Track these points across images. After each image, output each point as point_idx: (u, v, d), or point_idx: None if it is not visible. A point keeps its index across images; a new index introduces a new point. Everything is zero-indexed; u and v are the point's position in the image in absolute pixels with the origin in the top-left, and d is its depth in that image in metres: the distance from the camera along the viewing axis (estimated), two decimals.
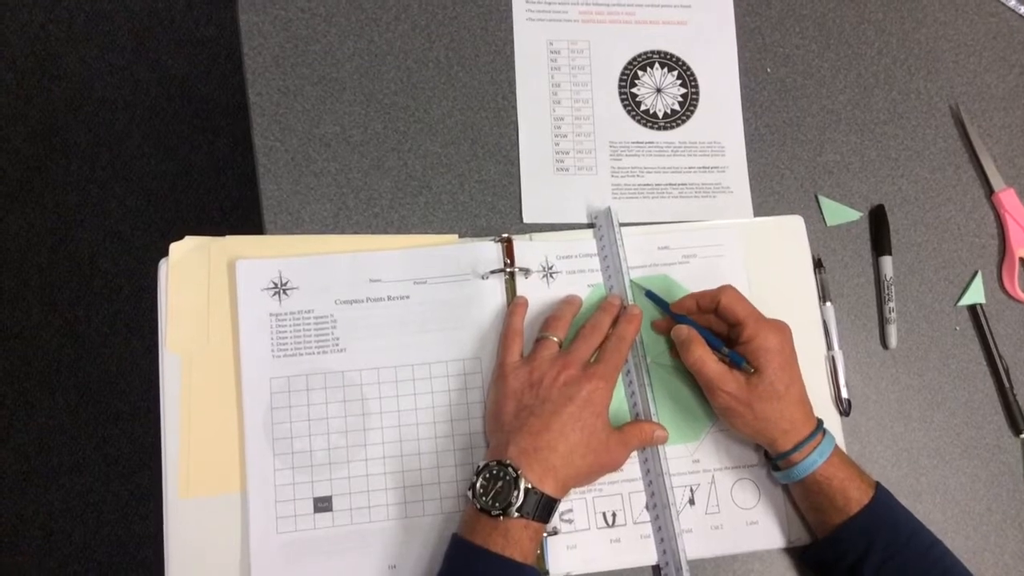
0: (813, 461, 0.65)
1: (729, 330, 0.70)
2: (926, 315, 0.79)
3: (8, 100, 1.66)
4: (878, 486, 0.66)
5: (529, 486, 0.59)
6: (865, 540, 0.63)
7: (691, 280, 0.75)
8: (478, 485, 0.60)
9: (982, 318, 0.78)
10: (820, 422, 0.67)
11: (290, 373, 0.69)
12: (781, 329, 0.68)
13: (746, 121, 0.82)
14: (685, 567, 0.66)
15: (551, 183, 0.78)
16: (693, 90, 0.83)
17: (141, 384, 1.55)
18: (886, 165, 0.83)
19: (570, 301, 0.72)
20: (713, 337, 0.69)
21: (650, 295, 0.73)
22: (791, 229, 0.79)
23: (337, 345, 0.70)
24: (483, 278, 0.72)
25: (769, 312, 0.74)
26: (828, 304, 0.76)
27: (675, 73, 0.83)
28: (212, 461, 0.67)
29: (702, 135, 0.82)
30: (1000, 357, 0.77)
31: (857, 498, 0.64)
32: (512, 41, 0.82)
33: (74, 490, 1.50)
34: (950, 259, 0.81)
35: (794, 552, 0.71)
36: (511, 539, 0.59)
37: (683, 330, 0.69)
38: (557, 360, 0.66)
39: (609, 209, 0.75)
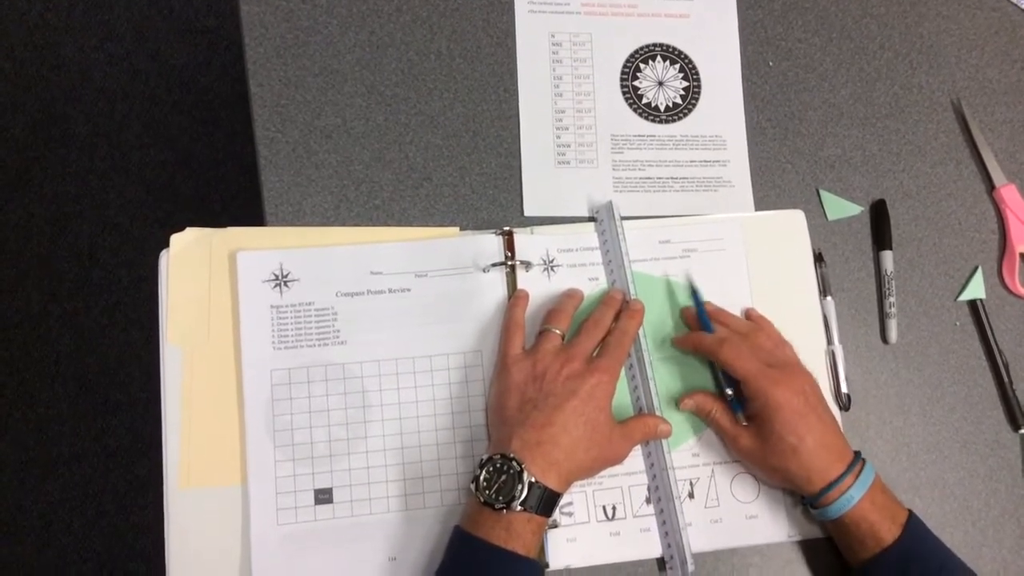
0: (840, 507, 0.63)
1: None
2: (926, 310, 0.79)
3: (7, 90, 1.66)
4: (910, 518, 0.64)
5: (533, 480, 0.60)
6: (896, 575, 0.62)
7: (692, 274, 0.75)
8: (481, 478, 0.61)
9: (982, 313, 0.78)
10: (853, 461, 0.65)
11: (291, 365, 0.69)
12: (787, 380, 0.66)
13: (748, 115, 0.82)
14: (690, 560, 0.66)
15: (552, 176, 0.78)
16: (695, 83, 0.83)
17: (140, 375, 1.55)
18: (887, 160, 0.83)
19: (571, 294, 0.72)
20: (729, 379, 0.69)
21: (694, 295, 0.74)
22: (792, 223, 0.79)
23: (338, 337, 0.70)
24: (484, 271, 0.72)
25: (769, 306, 0.75)
26: (828, 298, 0.76)
27: (677, 66, 0.83)
28: (213, 453, 0.67)
29: (704, 129, 0.81)
30: (1000, 352, 0.77)
31: (888, 537, 0.63)
32: (514, 33, 0.82)
33: (73, 480, 1.50)
34: (951, 254, 0.81)
35: (793, 546, 0.71)
36: (513, 532, 0.59)
37: (693, 399, 0.70)
38: (560, 353, 0.66)
39: (611, 203, 0.75)
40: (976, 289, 0.79)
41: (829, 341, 0.76)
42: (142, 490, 1.51)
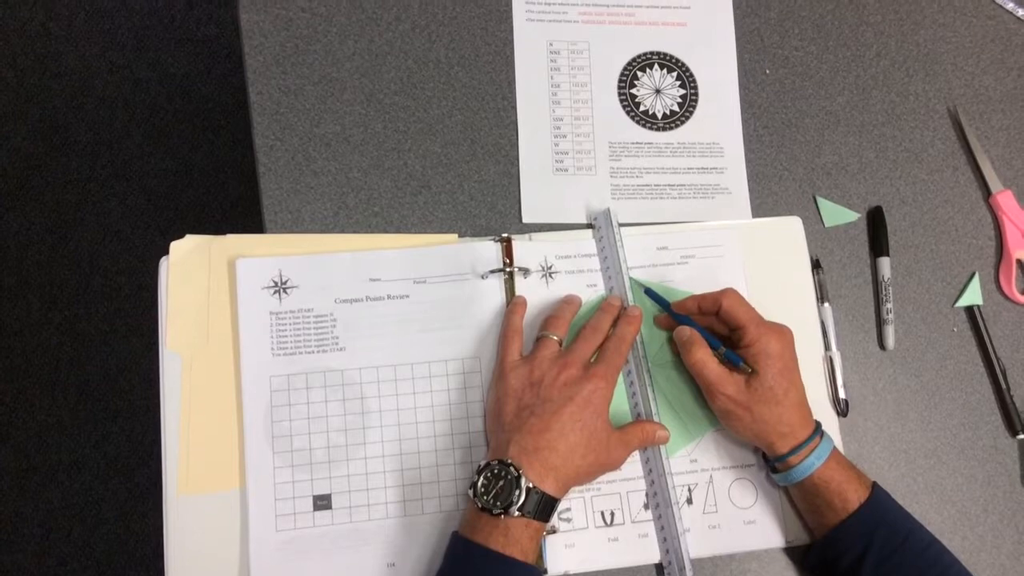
0: (811, 464, 0.65)
1: (731, 333, 0.70)
2: (924, 316, 0.79)
3: (8, 98, 1.66)
4: (875, 486, 0.66)
5: (530, 485, 0.60)
6: (863, 539, 0.63)
7: (690, 281, 0.75)
8: (479, 484, 0.61)
9: (979, 319, 0.79)
10: (818, 425, 0.68)
11: (290, 372, 0.69)
12: (783, 333, 0.68)
13: (745, 122, 0.83)
14: (688, 565, 0.66)
15: (550, 183, 0.79)
16: (692, 91, 0.83)
17: (140, 382, 1.55)
18: (884, 167, 0.83)
19: (569, 300, 0.72)
20: (712, 337, 0.69)
21: (649, 293, 0.73)
22: (789, 230, 0.79)
23: (337, 344, 0.70)
24: (482, 278, 0.73)
25: (767, 313, 0.74)
26: (826, 305, 0.77)
27: (674, 74, 0.84)
28: (212, 459, 0.67)
29: (701, 136, 0.82)
30: (997, 358, 0.78)
31: (854, 498, 0.64)
32: (512, 41, 0.82)
33: (73, 488, 1.50)
34: (948, 260, 0.81)
35: (791, 551, 0.71)
36: (512, 538, 0.59)
37: (685, 331, 0.69)
38: (558, 360, 0.66)
39: (608, 210, 0.75)
40: (973, 295, 0.80)
41: (827, 347, 0.76)
42: (142, 497, 1.50)
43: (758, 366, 0.66)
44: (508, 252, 0.74)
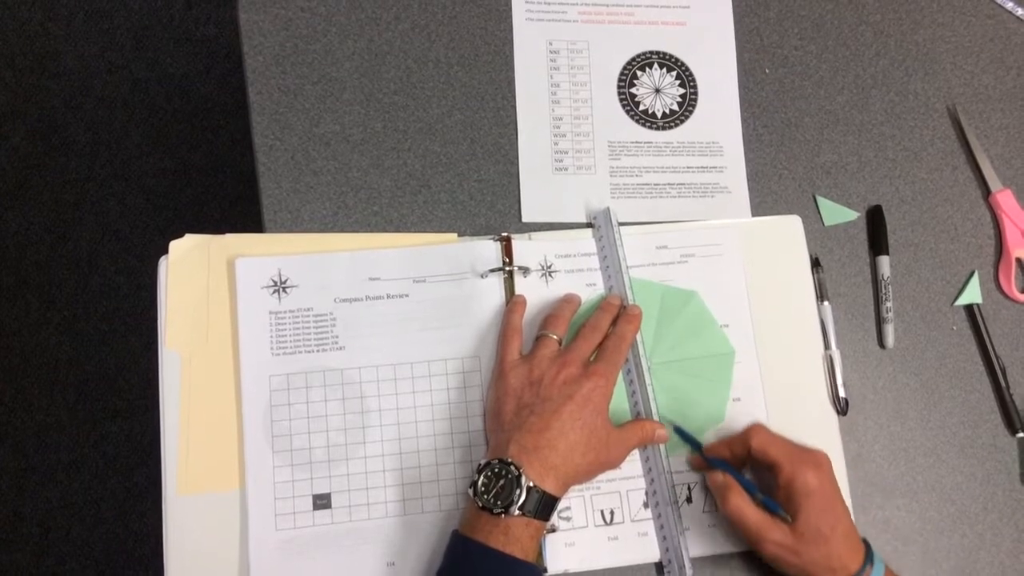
0: None
1: (766, 469, 0.67)
2: (923, 315, 0.79)
3: (7, 98, 1.66)
4: None
5: (531, 484, 0.60)
6: None
7: (690, 279, 0.75)
8: (479, 483, 0.61)
9: (979, 318, 0.79)
10: (868, 548, 0.64)
11: (289, 371, 0.69)
12: (819, 464, 0.64)
13: (744, 121, 0.83)
14: (688, 564, 0.66)
15: (550, 182, 0.79)
16: (692, 90, 0.83)
17: (139, 381, 1.55)
18: (884, 166, 0.83)
19: (569, 299, 0.72)
20: (748, 482, 0.66)
21: (680, 432, 0.71)
22: (789, 229, 0.79)
23: (336, 343, 0.70)
24: (482, 277, 0.73)
25: (767, 311, 0.75)
26: (826, 304, 0.77)
27: (674, 73, 0.84)
28: (211, 458, 0.67)
29: (700, 135, 0.82)
30: (997, 357, 0.78)
31: None
32: (511, 41, 0.82)
33: (72, 487, 1.50)
34: (947, 259, 0.81)
35: None
36: (512, 537, 0.59)
37: (718, 477, 0.66)
38: (557, 358, 0.67)
39: (608, 210, 0.75)
40: (973, 294, 0.80)
41: (827, 346, 0.76)
42: (141, 497, 1.50)
43: (800, 505, 0.63)
44: (508, 251, 0.74)
